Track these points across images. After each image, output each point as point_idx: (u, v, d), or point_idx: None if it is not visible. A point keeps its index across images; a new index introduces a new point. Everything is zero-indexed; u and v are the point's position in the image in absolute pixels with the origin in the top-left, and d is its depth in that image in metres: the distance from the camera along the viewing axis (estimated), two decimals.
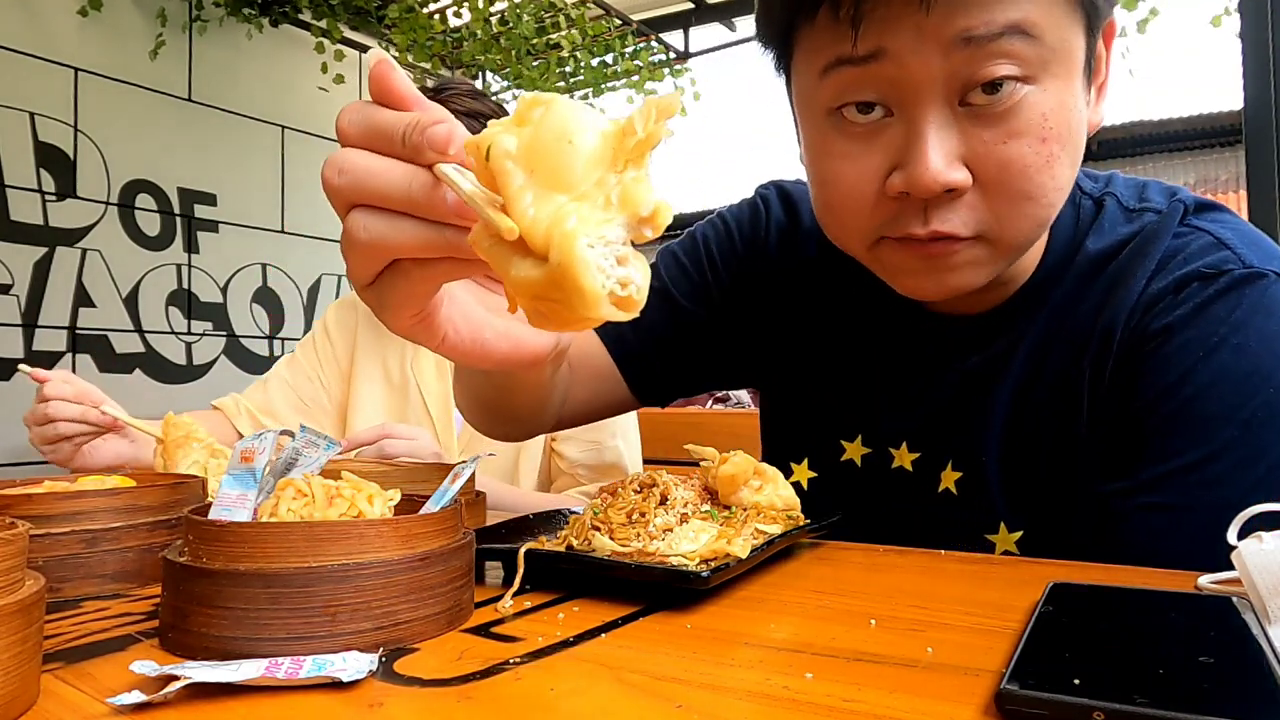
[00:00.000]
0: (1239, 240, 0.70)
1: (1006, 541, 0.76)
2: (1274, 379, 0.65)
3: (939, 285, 0.66)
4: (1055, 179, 0.61)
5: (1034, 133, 0.58)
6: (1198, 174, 7.95)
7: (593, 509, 0.63)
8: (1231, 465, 0.65)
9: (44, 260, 2.96)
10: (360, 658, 0.40)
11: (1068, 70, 0.59)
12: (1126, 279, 0.71)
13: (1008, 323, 0.76)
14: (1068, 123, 0.60)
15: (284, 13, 3.55)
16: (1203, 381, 0.66)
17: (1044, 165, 0.60)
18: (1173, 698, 0.32)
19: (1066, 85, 0.59)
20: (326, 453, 0.56)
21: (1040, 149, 0.59)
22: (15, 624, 0.35)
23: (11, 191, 2.87)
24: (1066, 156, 0.61)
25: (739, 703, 0.36)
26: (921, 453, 0.81)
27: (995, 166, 0.60)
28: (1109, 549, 0.66)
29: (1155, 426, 0.67)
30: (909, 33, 0.57)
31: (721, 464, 0.66)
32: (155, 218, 3.26)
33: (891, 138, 0.61)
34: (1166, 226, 0.71)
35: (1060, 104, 0.59)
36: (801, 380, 0.88)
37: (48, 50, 2.95)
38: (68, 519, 0.57)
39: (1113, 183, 0.78)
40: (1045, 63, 0.58)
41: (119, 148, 3.14)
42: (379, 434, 1.10)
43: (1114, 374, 0.70)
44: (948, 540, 0.70)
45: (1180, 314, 0.67)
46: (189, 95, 3.36)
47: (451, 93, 1.33)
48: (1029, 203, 0.61)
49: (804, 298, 0.88)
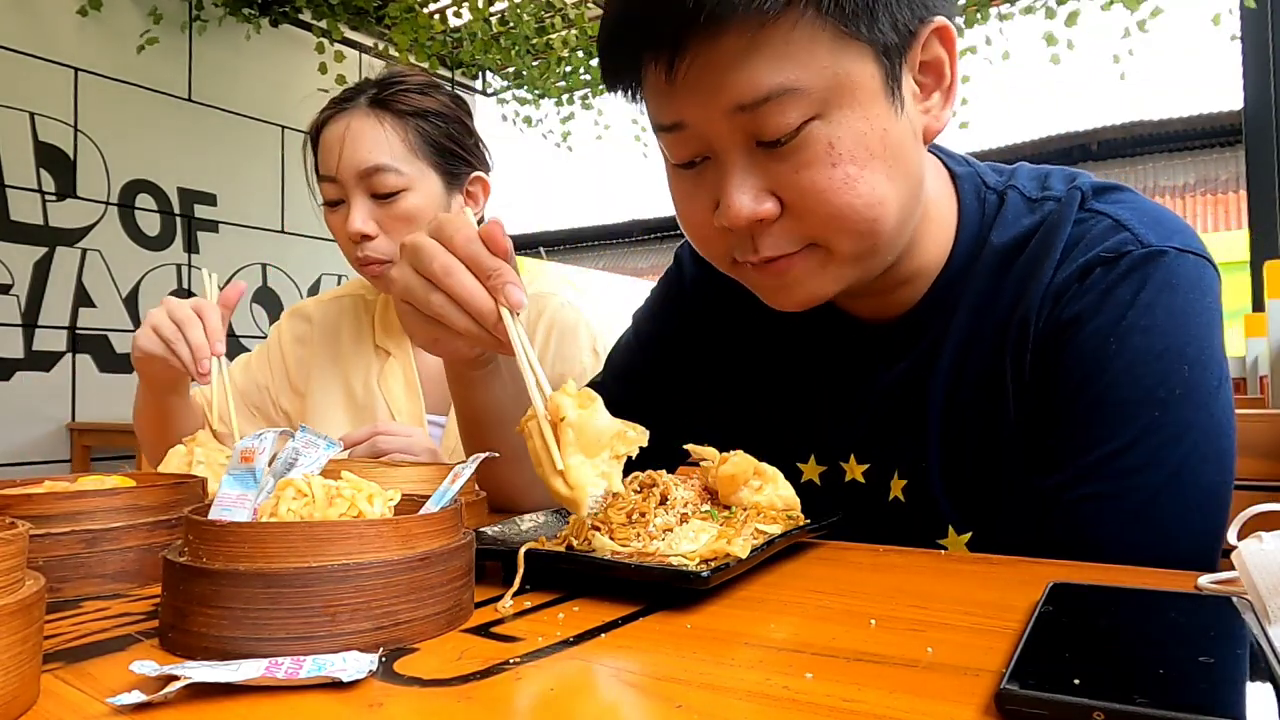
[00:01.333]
0: (1137, 220, 0.70)
1: (957, 544, 0.76)
2: (1186, 354, 0.66)
3: (792, 299, 0.71)
4: (861, 196, 0.64)
5: (822, 161, 0.63)
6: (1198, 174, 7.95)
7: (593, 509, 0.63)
8: (1157, 446, 0.66)
9: (44, 260, 2.96)
10: (360, 658, 0.40)
11: (855, 99, 0.62)
12: (1035, 270, 0.72)
13: (925, 322, 0.77)
14: (864, 145, 0.63)
15: (284, 13, 3.55)
16: (1117, 367, 0.67)
17: (840, 188, 0.63)
18: (1173, 698, 0.32)
19: (857, 112, 0.63)
20: (326, 453, 0.56)
21: (832, 173, 0.63)
22: (15, 624, 0.35)
23: (11, 191, 2.87)
24: (873, 174, 0.64)
25: (739, 703, 0.36)
26: (870, 463, 0.82)
27: (796, 194, 0.64)
28: (1052, 543, 0.67)
29: (1078, 416, 0.68)
30: (695, 106, 0.64)
31: (721, 464, 0.66)
32: (155, 218, 3.26)
33: (712, 178, 0.67)
34: (1067, 214, 0.73)
35: (850, 131, 0.63)
36: (750, 412, 0.91)
37: (48, 50, 2.95)
38: (68, 519, 0.57)
39: (1016, 175, 0.79)
40: (825, 100, 0.62)
41: (119, 148, 3.14)
42: (371, 432, 1.08)
43: (1033, 367, 0.71)
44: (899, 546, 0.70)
45: (1088, 301, 0.69)
46: (189, 95, 3.36)
47: (400, 88, 1.22)
48: (840, 220, 0.65)
49: (737, 335, 0.91)
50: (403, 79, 1.24)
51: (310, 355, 1.39)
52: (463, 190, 1.27)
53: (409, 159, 1.19)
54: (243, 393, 1.38)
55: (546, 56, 3.95)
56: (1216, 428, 0.67)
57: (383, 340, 1.34)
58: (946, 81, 0.68)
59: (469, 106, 1.34)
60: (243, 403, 1.37)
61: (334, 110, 1.22)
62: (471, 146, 1.28)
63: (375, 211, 1.18)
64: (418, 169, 1.20)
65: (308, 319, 1.42)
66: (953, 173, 0.79)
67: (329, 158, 1.20)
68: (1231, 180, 7.56)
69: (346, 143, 1.17)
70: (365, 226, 1.17)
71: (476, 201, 1.30)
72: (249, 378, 1.40)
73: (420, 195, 1.20)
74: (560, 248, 11.63)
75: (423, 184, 1.20)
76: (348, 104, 1.21)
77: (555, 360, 1.27)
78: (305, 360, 1.39)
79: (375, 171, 1.17)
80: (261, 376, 1.39)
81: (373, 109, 1.20)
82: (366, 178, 1.17)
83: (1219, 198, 7.66)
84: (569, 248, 11.68)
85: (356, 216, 1.17)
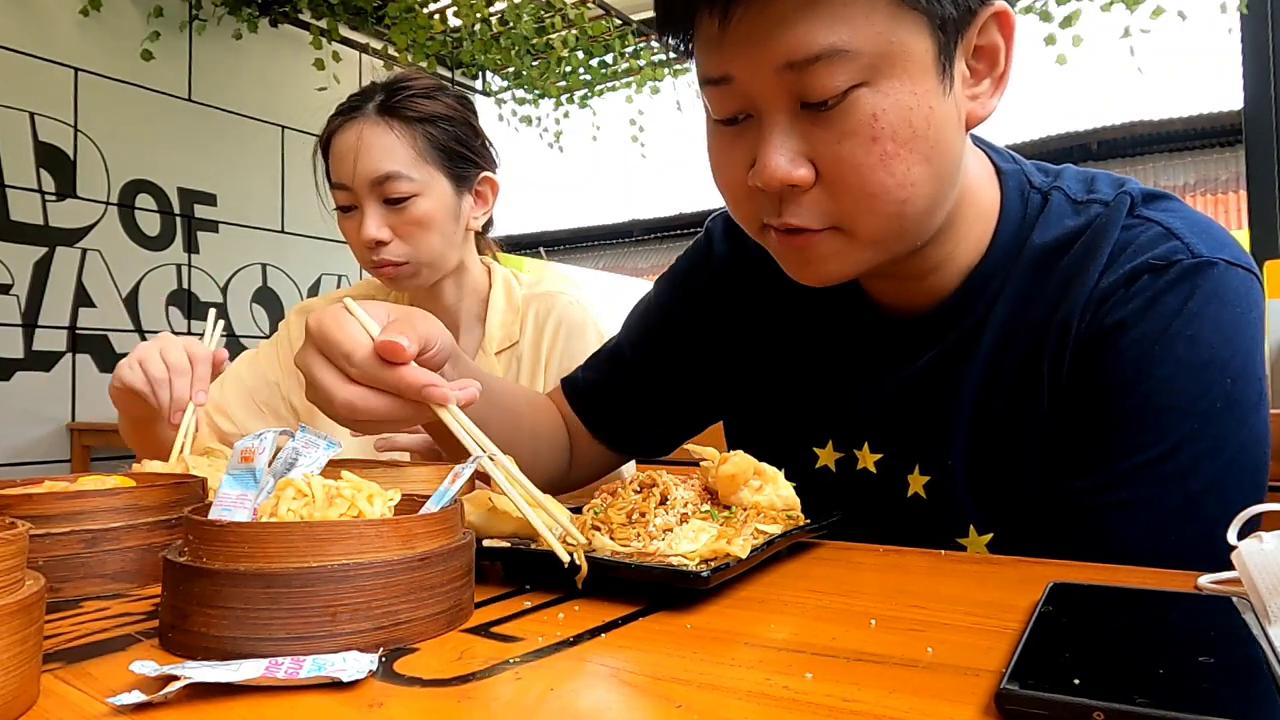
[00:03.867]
0: (1188, 229, 0.70)
1: (977, 544, 0.76)
2: (1230, 368, 0.66)
3: (808, 274, 0.71)
4: (894, 176, 0.63)
5: (864, 132, 0.61)
6: (1198, 174, 7.95)
7: (593, 509, 0.63)
8: (1193, 457, 0.65)
9: (44, 260, 2.96)
10: (360, 658, 0.40)
11: (905, 71, 0.61)
12: (1079, 273, 0.71)
13: (957, 315, 0.76)
14: (908, 121, 0.62)
15: (284, 12, 3.55)
16: (1160, 375, 0.66)
17: (877, 164, 0.62)
18: (1173, 698, 0.32)
19: (906, 85, 0.61)
20: (327, 453, 0.56)
21: (871, 148, 0.62)
22: (15, 624, 0.35)
23: (11, 191, 2.87)
24: (911, 154, 0.63)
25: (739, 703, 0.36)
26: (884, 454, 0.81)
27: (832, 164, 0.63)
28: (1079, 548, 0.66)
29: (1116, 422, 0.68)
30: (744, 61, 0.63)
31: (721, 464, 0.65)
32: (155, 218, 3.27)
33: (752, 137, 0.66)
34: (1115, 219, 0.72)
35: (896, 104, 0.61)
36: (769, 393, 0.90)
37: (48, 50, 2.95)
38: (68, 519, 0.57)
39: (1061, 176, 0.78)
40: (875, 68, 0.60)
41: (119, 148, 3.15)
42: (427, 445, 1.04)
43: (1071, 370, 0.70)
44: (917, 544, 0.70)
45: (1133, 307, 0.68)
46: (189, 95, 3.36)
47: (407, 94, 1.23)
48: (871, 199, 0.64)
49: (761, 315, 0.90)
50: (409, 84, 1.26)
51: None
52: (472, 190, 1.30)
53: (418, 165, 1.22)
54: (250, 389, 1.38)
55: (546, 56, 3.95)
56: (1255, 443, 0.66)
57: None
58: (1000, 69, 0.66)
59: (474, 106, 1.35)
60: (251, 399, 1.38)
61: (345, 118, 1.24)
62: (478, 147, 1.30)
63: (388, 217, 1.21)
64: (427, 174, 1.22)
65: None
66: (998, 168, 0.78)
67: (342, 166, 1.22)
68: (1231, 180, 7.55)
69: (360, 151, 1.20)
70: (380, 233, 1.21)
71: (485, 201, 1.33)
72: (257, 374, 1.40)
73: (430, 200, 1.22)
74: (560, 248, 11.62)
75: (433, 188, 1.23)
76: (357, 111, 1.23)
77: (564, 357, 1.29)
78: None
79: (387, 179, 1.19)
80: (271, 373, 1.40)
81: (382, 116, 1.22)
82: (378, 185, 1.20)
83: (1219, 198, 7.66)
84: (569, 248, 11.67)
85: (370, 224, 1.20)
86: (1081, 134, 7.77)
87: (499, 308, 1.35)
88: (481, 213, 1.32)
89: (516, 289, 1.38)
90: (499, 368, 1.32)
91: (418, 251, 1.23)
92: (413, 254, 1.23)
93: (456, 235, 1.28)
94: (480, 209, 1.32)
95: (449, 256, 1.28)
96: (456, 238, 1.28)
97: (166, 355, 1.03)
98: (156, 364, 1.02)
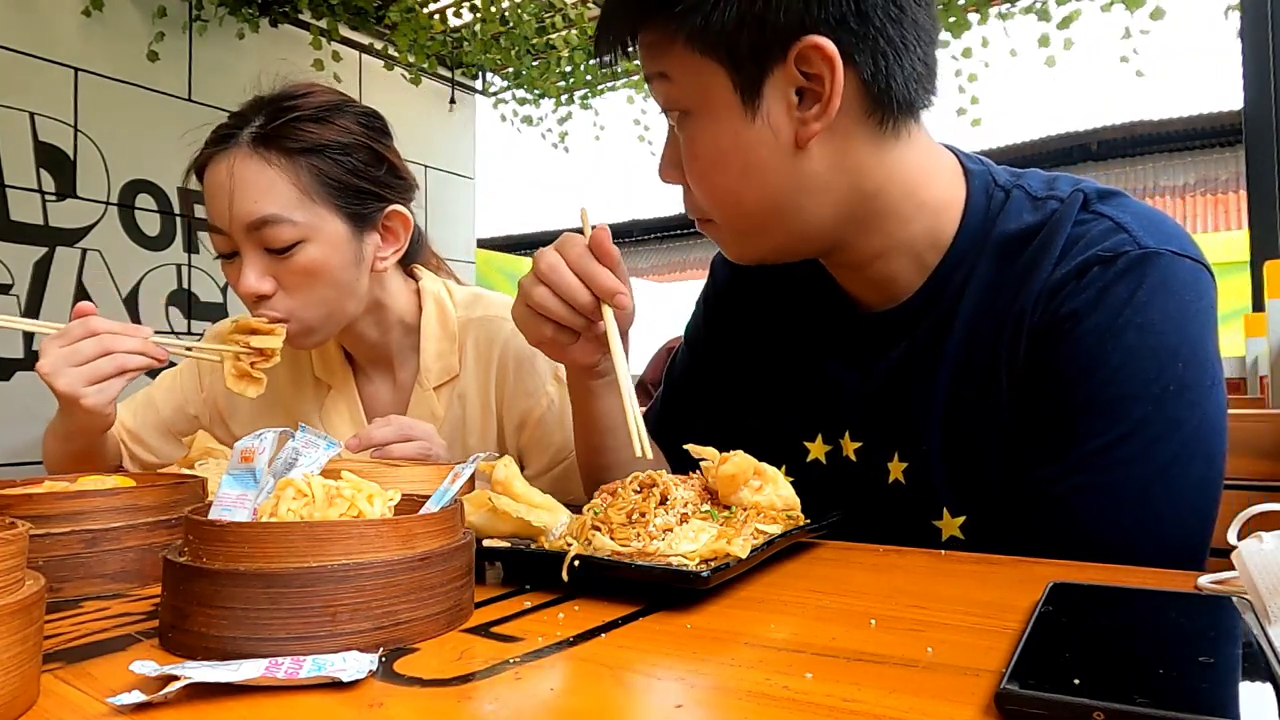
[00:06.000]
0: (1136, 223, 0.72)
1: (951, 527, 0.79)
2: (1180, 353, 0.68)
3: (728, 253, 0.84)
4: (717, 190, 0.76)
5: (687, 154, 0.76)
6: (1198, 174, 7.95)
7: (593, 509, 0.63)
8: (1147, 441, 0.67)
9: (44, 260, 2.96)
10: (360, 658, 0.40)
11: (709, 107, 0.73)
12: (1035, 265, 0.74)
13: (925, 308, 0.80)
14: (715, 145, 0.74)
15: (284, 12, 3.55)
16: (1113, 363, 0.68)
17: (699, 180, 0.77)
18: (1173, 698, 0.32)
19: (708, 118, 0.73)
20: (327, 453, 0.56)
21: (692, 167, 0.76)
22: (15, 624, 0.35)
23: (11, 191, 2.87)
24: (722, 173, 0.75)
25: (739, 703, 0.36)
26: (863, 442, 0.85)
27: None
28: (1043, 532, 0.69)
29: (1073, 410, 0.70)
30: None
31: (721, 464, 0.65)
32: (155, 218, 3.27)
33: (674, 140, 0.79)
34: (1068, 213, 0.75)
35: (704, 133, 0.74)
36: (764, 395, 0.95)
37: (48, 50, 2.95)
38: (68, 519, 0.57)
39: (1025, 176, 0.82)
40: (690, 108, 0.74)
41: (119, 148, 3.14)
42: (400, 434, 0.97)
43: (1027, 359, 0.73)
44: (896, 528, 0.74)
45: (1085, 298, 0.70)
46: (189, 95, 3.36)
47: (289, 119, 1.02)
48: (712, 205, 0.78)
49: (757, 325, 0.97)
50: (295, 105, 1.04)
51: None
52: (378, 228, 1.10)
53: (303, 205, 1.01)
54: (167, 421, 1.24)
55: (546, 56, 3.95)
56: (1209, 425, 0.68)
57: (322, 373, 1.21)
58: (825, 95, 0.70)
59: (383, 125, 1.13)
60: (167, 430, 1.23)
61: (214, 149, 1.03)
62: (384, 177, 1.09)
63: (271, 266, 1.02)
64: (315, 215, 1.02)
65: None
66: (966, 168, 0.82)
67: (215, 206, 1.02)
68: (1231, 180, 7.55)
69: (233, 191, 1.00)
70: (260, 286, 1.01)
71: (397, 237, 1.12)
72: (173, 403, 1.25)
73: (320, 246, 1.02)
74: None
75: (322, 232, 1.02)
76: (230, 141, 1.02)
77: (516, 395, 1.14)
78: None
79: (264, 224, 0.99)
80: (191, 405, 1.25)
81: (256, 148, 1.01)
82: (256, 230, 1.00)
83: (1219, 198, 7.66)
84: None
85: (250, 275, 1.01)
86: (1081, 134, 7.77)
87: (433, 335, 1.16)
88: (392, 251, 1.12)
89: (451, 312, 1.18)
90: (439, 405, 1.16)
91: (304, 307, 1.04)
92: (298, 309, 1.04)
93: (358, 283, 1.07)
94: (391, 246, 1.12)
95: (347, 308, 1.08)
96: (358, 286, 1.07)
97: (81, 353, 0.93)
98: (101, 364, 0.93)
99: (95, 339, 0.94)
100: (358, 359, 1.22)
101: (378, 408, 1.20)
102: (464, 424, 1.16)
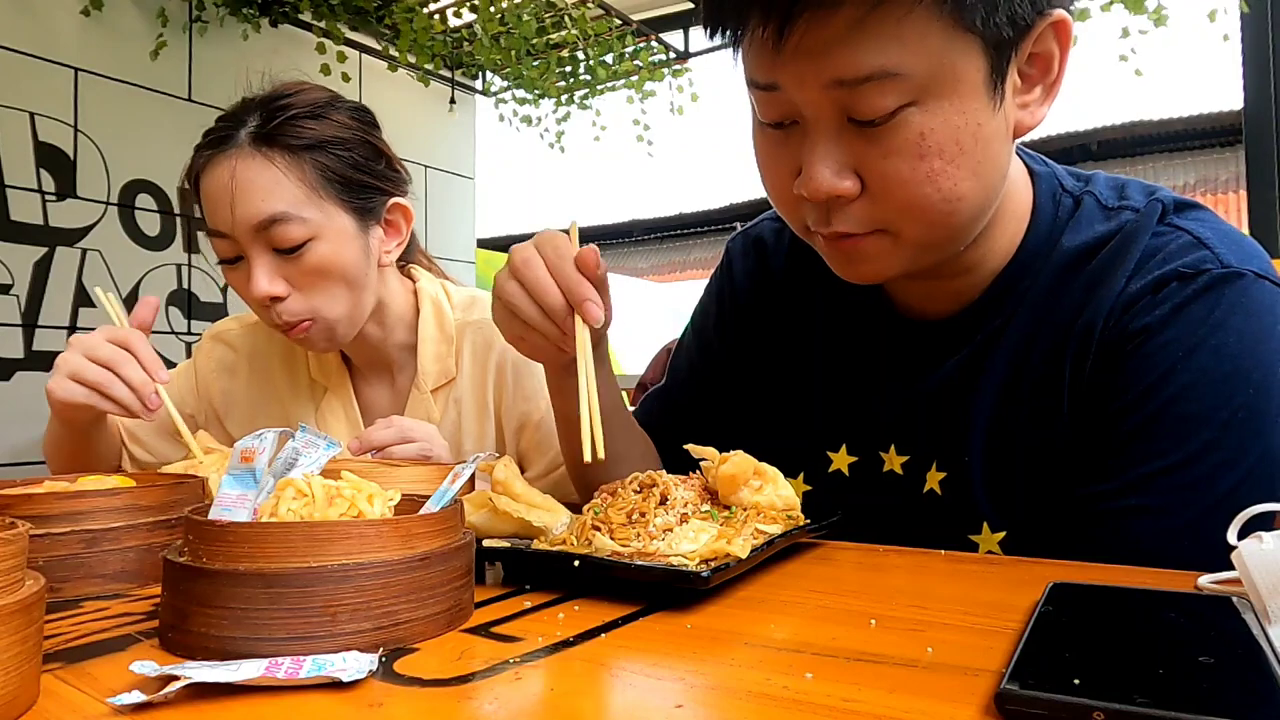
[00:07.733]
0: (1218, 239, 0.70)
1: (990, 542, 0.76)
2: (1253, 379, 0.66)
3: (855, 274, 0.72)
4: (940, 190, 0.63)
5: (910, 150, 0.62)
6: (1198, 174, 7.94)
7: (593, 509, 0.63)
8: (1211, 467, 0.65)
9: (44, 260, 2.96)
10: (360, 658, 0.40)
11: (954, 90, 0.61)
12: (1106, 278, 0.71)
13: (985, 316, 0.77)
14: (955, 138, 0.62)
15: (284, 13, 3.55)
16: (1182, 383, 0.66)
17: (923, 180, 0.63)
18: (1173, 698, 0.32)
19: (954, 103, 0.62)
20: (327, 453, 0.56)
21: (918, 165, 0.63)
22: (15, 624, 0.35)
23: (11, 191, 2.87)
24: (958, 170, 0.63)
25: (739, 703, 0.36)
26: (910, 455, 0.82)
27: (878, 178, 0.64)
28: (1091, 551, 0.66)
29: (1136, 428, 0.68)
30: (792, 74, 0.63)
31: (721, 464, 0.65)
32: (155, 218, 3.26)
33: (796, 144, 0.67)
34: (1145, 225, 0.72)
35: (944, 122, 0.62)
36: (785, 400, 0.91)
37: (48, 50, 2.95)
38: (68, 519, 0.57)
39: (1093, 181, 0.78)
40: (924, 88, 0.61)
41: (119, 148, 3.14)
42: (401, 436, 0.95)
43: (1093, 374, 0.70)
44: (931, 541, 0.70)
45: (1159, 314, 0.68)
46: (189, 95, 3.36)
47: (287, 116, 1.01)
48: (917, 210, 0.65)
49: (781, 322, 0.92)
50: (289, 102, 1.03)
51: (238, 387, 1.24)
52: (380, 222, 1.10)
53: (311, 202, 1.00)
54: (162, 422, 1.19)
55: (547, 57, 3.95)
56: (1272, 456, 0.66)
57: (318, 375, 1.21)
58: (1052, 77, 0.66)
59: (374, 119, 1.12)
60: (164, 431, 1.21)
61: (213, 152, 1.01)
62: (382, 171, 1.09)
63: (281, 268, 1.00)
64: (323, 211, 1.01)
65: (232, 346, 1.25)
66: (1031, 171, 0.78)
67: (217, 211, 1.00)
68: (1231, 180, 7.55)
69: (236, 193, 0.98)
70: (273, 288, 1.00)
71: (399, 230, 1.12)
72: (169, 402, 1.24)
73: (329, 242, 1.01)
74: None
75: (331, 228, 1.02)
76: (229, 143, 1.00)
77: (516, 399, 1.13)
78: (232, 392, 1.24)
79: (273, 223, 0.98)
80: (187, 405, 1.24)
81: (258, 147, 1.00)
82: (264, 231, 0.98)
83: (1219, 198, 7.66)
84: None
85: (261, 278, 0.99)
86: (1081, 134, 7.77)
87: (430, 338, 1.15)
88: (395, 244, 1.12)
89: (448, 313, 1.17)
90: (435, 409, 1.15)
91: (323, 306, 1.03)
92: (318, 309, 1.03)
93: (369, 277, 1.07)
94: (393, 239, 1.12)
95: (365, 304, 1.08)
96: (370, 280, 1.07)
97: (96, 354, 0.91)
98: (90, 369, 0.91)
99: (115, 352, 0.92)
100: (354, 361, 1.21)
101: (374, 410, 1.20)
102: (460, 428, 1.16)
